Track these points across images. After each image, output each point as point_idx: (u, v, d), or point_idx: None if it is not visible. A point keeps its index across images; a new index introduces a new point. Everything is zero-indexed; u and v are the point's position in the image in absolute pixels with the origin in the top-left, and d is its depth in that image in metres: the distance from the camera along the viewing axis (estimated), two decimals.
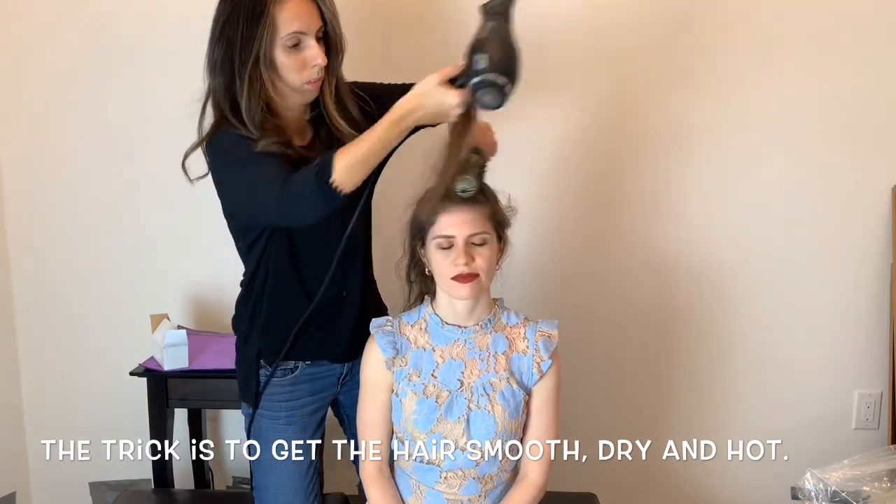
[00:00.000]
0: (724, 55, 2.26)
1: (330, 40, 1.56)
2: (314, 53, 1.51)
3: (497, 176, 1.59)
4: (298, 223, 1.53)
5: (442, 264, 1.47)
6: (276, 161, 1.48)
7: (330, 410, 1.82)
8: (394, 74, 2.32)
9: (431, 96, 1.43)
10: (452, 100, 1.41)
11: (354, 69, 2.28)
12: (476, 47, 1.35)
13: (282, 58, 1.50)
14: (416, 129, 1.50)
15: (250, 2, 1.48)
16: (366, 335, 1.67)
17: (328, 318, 1.64)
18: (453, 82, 1.41)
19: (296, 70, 1.51)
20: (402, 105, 1.44)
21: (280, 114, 1.57)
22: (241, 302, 1.72)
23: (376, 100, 1.66)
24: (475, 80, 1.33)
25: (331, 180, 1.40)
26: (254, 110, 1.50)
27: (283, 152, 1.50)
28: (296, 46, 1.50)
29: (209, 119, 1.59)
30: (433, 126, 1.53)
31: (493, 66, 1.33)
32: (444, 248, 1.47)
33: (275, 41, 1.48)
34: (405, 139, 1.49)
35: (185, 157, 1.63)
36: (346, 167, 1.40)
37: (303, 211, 1.46)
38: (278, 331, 1.63)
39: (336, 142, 1.57)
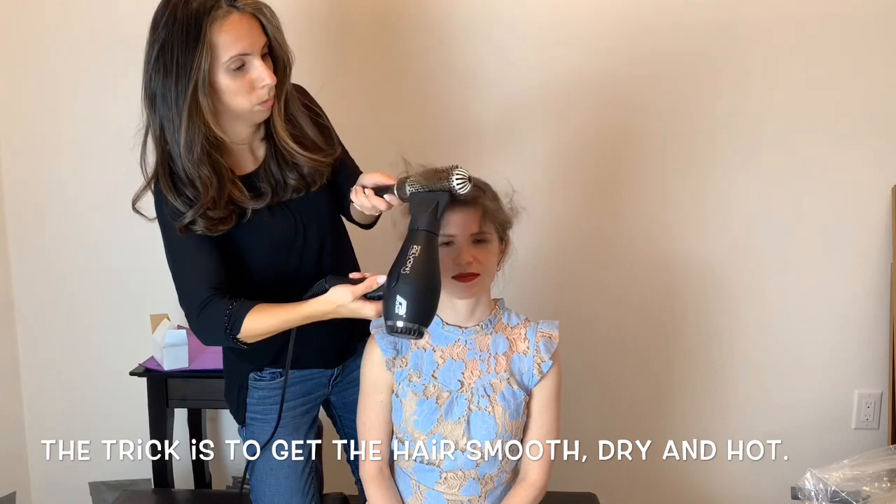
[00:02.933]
0: (724, 56, 2.26)
1: (276, 56, 1.47)
2: (261, 74, 1.41)
3: (497, 176, 1.59)
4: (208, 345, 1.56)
5: (443, 263, 1.47)
6: (203, 264, 1.47)
7: (322, 411, 1.82)
8: (394, 74, 2.32)
9: (346, 308, 1.40)
10: (369, 312, 1.39)
11: (354, 69, 2.28)
12: (399, 279, 1.29)
13: (225, 82, 1.40)
14: None
15: (184, 27, 1.36)
16: (352, 338, 1.68)
17: (311, 326, 1.56)
18: (367, 296, 1.39)
19: (243, 94, 1.42)
20: (317, 308, 1.41)
21: (223, 144, 1.48)
22: None
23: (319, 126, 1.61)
24: (390, 322, 1.30)
25: (237, 336, 1.44)
26: (193, 144, 1.41)
27: (209, 226, 1.45)
28: (240, 69, 1.40)
29: (151, 152, 1.51)
30: None
31: (410, 316, 1.29)
32: (445, 248, 1.47)
33: (216, 66, 1.39)
34: None
35: (135, 201, 1.56)
36: (252, 333, 1.43)
37: (210, 341, 1.52)
38: (263, 344, 1.55)
39: (287, 163, 1.55)
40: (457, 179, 1.32)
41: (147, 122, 1.48)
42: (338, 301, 1.40)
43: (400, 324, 1.29)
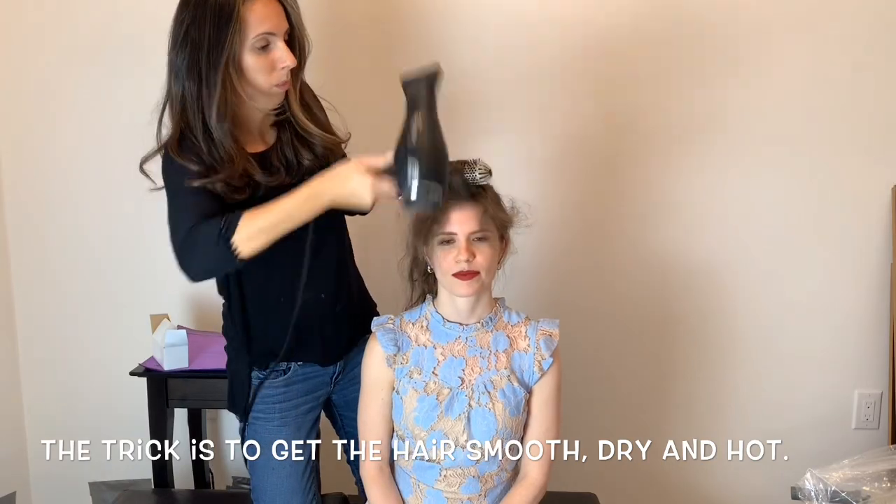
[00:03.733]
0: (723, 55, 2.26)
1: (296, 42, 1.54)
2: (283, 55, 1.48)
3: (497, 175, 1.59)
4: (190, 276, 1.47)
5: (443, 261, 1.47)
6: (207, 201, 1.46)
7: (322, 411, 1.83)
8: (386, 71, 2.31)
9: (349, 182, 1.39)
10: (368, 196, 1.38)
11: (356, 68, 2.28)
12: (406, 148, 1.30)
13: (250, 60, 1.46)
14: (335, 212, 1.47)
15: (217, 4, 1.43)
16: (354, 335, 1.68)
17: (311, 321, 1.61)
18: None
19: (265, 72, 1.48)
20: (318, 182, 1.41)
21: (242, 119, 1.55)
22: (225, 313, 1.71)
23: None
24: (405, 193, 1.28)
25: (231, 240, 1.38)
26: (222, 115, 1.46)
27: (227, 191, 1.48)
28: (265, 48, 1.47)
29: (166, 128, 1.55)
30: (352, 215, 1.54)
31: (425, 175, 1.29)
32: (445, 245, 1.47)
33: (244, 43, 1.45)
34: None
35: (143, 162, 1.59)
36: (248, 234, 1.39)
37: (198, 263, 1.46)
38: (265, 337, 1.62)
39: (304, 142, 1.58)
40: (479, 171, 1.39)
41: (167, 97, 1.54)
42: (344, 171, 1.40)
43: (415, 183, 1.28)
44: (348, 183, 1.40)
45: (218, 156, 1.48)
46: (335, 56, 2.27)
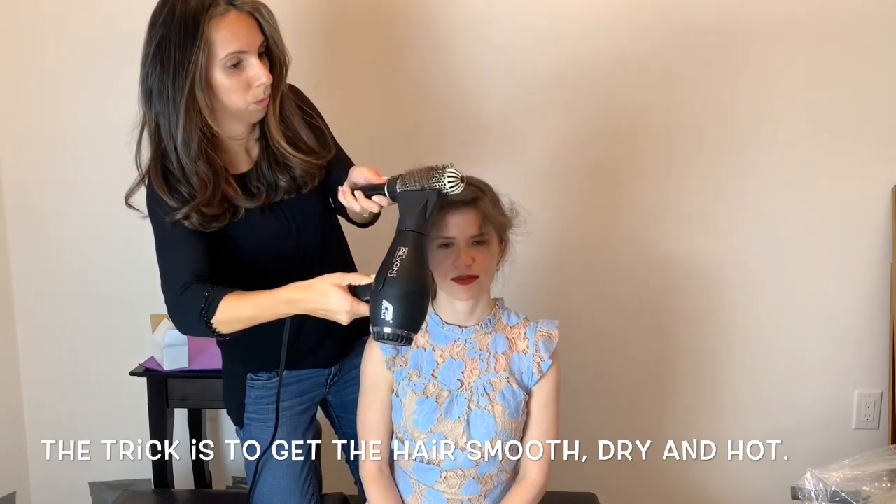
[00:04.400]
0: (724, 58, 2.26)
1: (273, 56, 1.47)
2: (258, 72, 1.41)
3: (498, 175, 1.59)
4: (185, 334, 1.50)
5: (441, 264, 1.47)
6: (190, 253, 1.46)
7: (320, 411, 1.82)
8: (390, 73, 2.32)
9: (326, 299, 1.32)
10: (344, 318, 1.32)
11: (350, 68, 2.27)
12: (385, 282, 1.23)
13: (222, 79, 1.41)
14: None
15: (182, 23, 1.37)
16: (349, 337, 1.67)
17: (308, 334, 1.59)
18: (353, 291, 1.32)
19: (239, 91, 1.42)
20: (296, 290, 1.35)
21: (222, 140, 1.51)
22: None
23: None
24: (376, 329, 1.23)
25: (211, 321, 1.37)
26: (190, 140, 1.42)
27: (203, 222, 1.46)
28: (237, 66, 1.41)
29: (146, 150, 1.51)
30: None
31: (397, 322, 1.22)
32: (444, 249, 1.47)
33: (212, 63, 1.39)
34: None
35: (128, 196, 1.55)
36: (227, 320, 1.37)
37: (186, 329, 1.49)
38: (259, 349, 1.59)
39: (280, 165, 1.54)
40: (449, 178, 1.29)
41: (143, 119, 1.48)
42: (317, 287, 1.33)
43: (387, 330, 1.22)
44: (325, 299, 1.32)
45: (194, 181, 1.45)
46: (334, 59, 2.27)
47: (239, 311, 1.38)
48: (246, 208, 1.51)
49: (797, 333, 2.40)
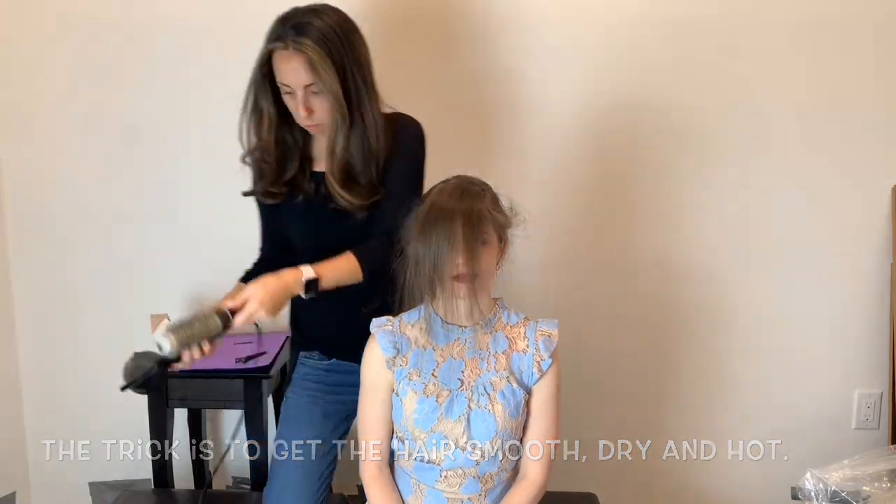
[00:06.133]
0: (724, 58, 2.26)
1: (330, 97, 1.61)
2: (294, 107, 1.64)
3: (499, 175, 1.59)
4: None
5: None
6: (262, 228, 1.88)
7: None
8: (394, 75, 2.31)
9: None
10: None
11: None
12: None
13: (285, 98, 1.66)
14: None
15: (263, 48, 1.65)
16: None
17: (340, 314, 1.72)
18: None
19: (293, 112, 1.66)
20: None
21: (312, 136, 1.75)
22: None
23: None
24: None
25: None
26: (256, 140, 1.74)
27: (263, 196, 1.78)
28: (290, 94, 1.63)
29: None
30: None
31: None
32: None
33: (271, 83, 1.66)
34: None
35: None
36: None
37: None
38: (308, 327, 1.87)
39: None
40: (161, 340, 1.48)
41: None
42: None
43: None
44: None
45: (269, 158, 1.74)
46: None
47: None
48: (302, 198, 1.75)
49: (797, 333, 2.40)
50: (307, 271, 1.56)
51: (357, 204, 1.68)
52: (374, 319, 1.60)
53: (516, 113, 2.30)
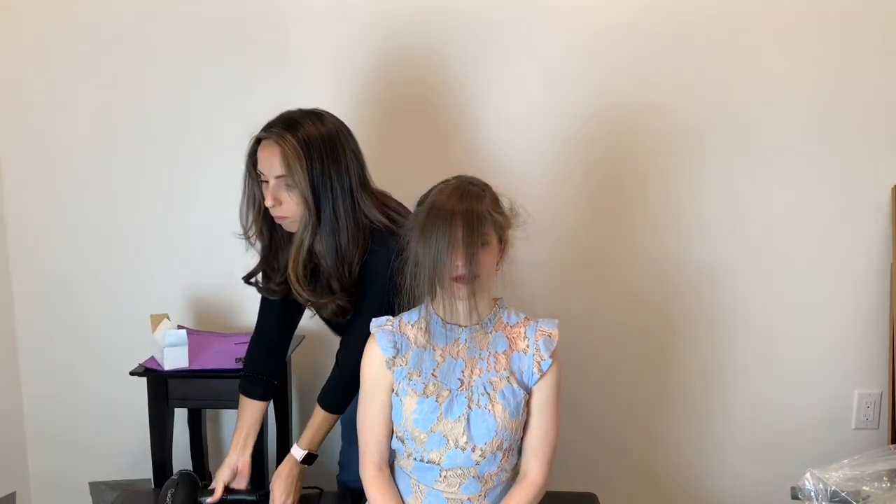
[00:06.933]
0: (725, 58, 2.27)
1: (300, 196, 1.65)
2: (264, 194, 1.69)
3: (500, 175, 1.59)
4: None
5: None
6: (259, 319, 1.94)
7: None
8: (394, 74, 2.32)
9: None
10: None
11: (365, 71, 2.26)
12: None
13: (262, 187, 1.71)
14: None
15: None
16: None
17: None
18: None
19: (267, 201, 1.69)
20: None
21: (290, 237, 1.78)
22: None
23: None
24: None
25: None
26: (252, 222, 1.77)
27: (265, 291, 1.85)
28: (265, 183, 1.68)
29: None
30: None
31: None
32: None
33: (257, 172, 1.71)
34: None
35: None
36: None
37: None
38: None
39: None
40: None
41: None
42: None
43: None
44: None
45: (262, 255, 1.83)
46: (339, 61, 2.28)
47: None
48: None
49: (797, 333, 2.40)
50: (298, 453, 1.77)
51: (317, 302, 1.75)
52: (373, 319, 1.60)
53: (517, 113, 2.30)
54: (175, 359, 2.09)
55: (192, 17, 2.26)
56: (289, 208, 1.67)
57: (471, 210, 1.45)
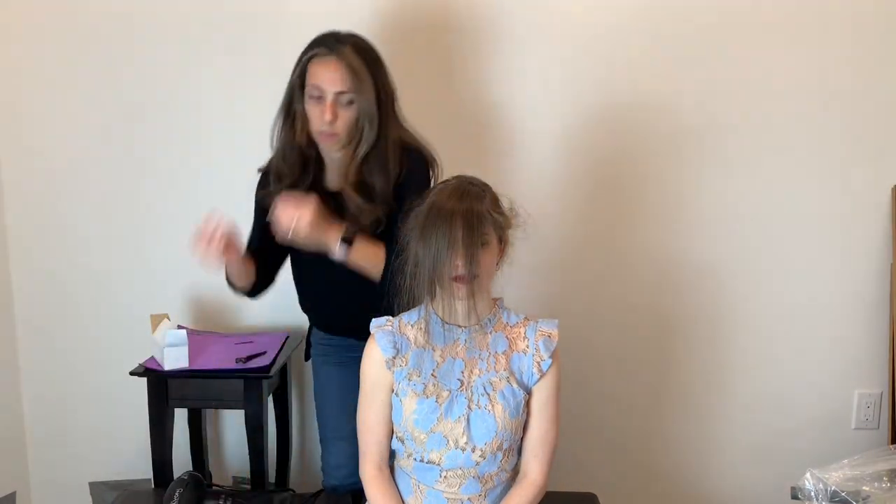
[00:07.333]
0: (725, 58, 2.26)
1: (358, 112, 1.71)
2: (319, 112, 1.70)
3: (498, 175, 1.59)
4: None
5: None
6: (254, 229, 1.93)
7: None
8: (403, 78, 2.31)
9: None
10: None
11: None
12: None
13: (310, 105, 1.73)
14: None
15: (300, 57, 1.75)
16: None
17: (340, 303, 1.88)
18: None
19: (313, 118, 1.73)
20: None
21: (322, 158, 1.82)
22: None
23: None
24: None
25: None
26: (283, 141, 1.79)
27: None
28: (319, 99, 1.70)
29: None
30: None
31: None
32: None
33: (304, 88, 1.73)
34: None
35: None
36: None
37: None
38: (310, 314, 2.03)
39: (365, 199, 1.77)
40: None
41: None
42: None
43: None
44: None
45: (284, 177, 1.82)
46: None
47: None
48: None
49: (797, 333, 2.40)
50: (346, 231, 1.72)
51: (369, 218, 1.75)
52: (373, 319, 1.60)
53: (517, 113, 2.30)
54: (175, 359, 2.09)
55: (192, 17, 2.26)
56: (342, 125, 1.71)
57: (471, 210, 1.45)
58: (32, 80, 2.32)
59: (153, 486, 2.20)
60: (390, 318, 1.59)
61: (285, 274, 2.02)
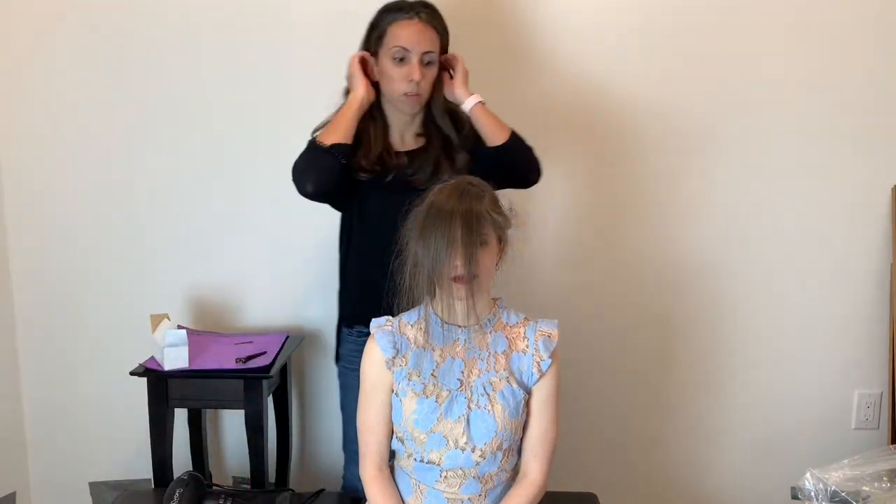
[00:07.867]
0: (725, 58, 2.27)
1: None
2: (405, 72, 1.78)
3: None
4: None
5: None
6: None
7: None
8: None
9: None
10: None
11: None
12: None
13: (387, 66, 1.79)
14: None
15: (374, 19, 1.84)
16: None
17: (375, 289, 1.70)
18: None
19: (397, 81, 1.79)
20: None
21: (387, 117, 1.88)
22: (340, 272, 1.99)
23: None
24: None
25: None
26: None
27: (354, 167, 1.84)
28: (402, 60, 1.78)
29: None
30: None
31: None
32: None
33: (385, 51, 1.79)
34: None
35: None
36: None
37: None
38: (353, 302, 1.94)
39: (443, 150, 1.87)
40: None
41: None
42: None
43: None
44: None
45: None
46: None
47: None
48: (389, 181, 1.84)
49: (797, 333, 2.40)
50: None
51: (458, 166, 1.85)
52: (373, 319, 1.60)
53: (517, 113, 2.30)
54: (175, 359, 2.09)
55: (192, 17, 2.26)
56: (425, 85, 1.82)
57: (470, 210, 1.46)
58: (32, 80, 2.32)
59: (153, 486, 2.20)
60: (390, 318, 1.59)
61: (285, 274, 2.03)
